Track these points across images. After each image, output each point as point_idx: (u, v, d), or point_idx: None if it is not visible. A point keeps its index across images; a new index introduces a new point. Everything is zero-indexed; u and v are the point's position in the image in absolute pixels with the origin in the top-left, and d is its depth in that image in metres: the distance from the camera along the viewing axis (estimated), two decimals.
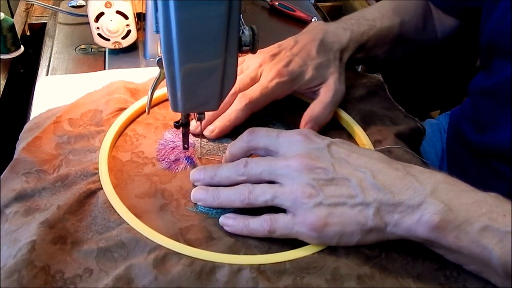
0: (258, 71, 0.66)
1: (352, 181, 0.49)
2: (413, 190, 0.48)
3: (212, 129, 0.64)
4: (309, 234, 0.49)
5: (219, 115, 0.64)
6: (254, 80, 0.66)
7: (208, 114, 0.62)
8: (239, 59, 0.67)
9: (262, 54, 0.68)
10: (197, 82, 0.50)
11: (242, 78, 0.65)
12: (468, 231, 0.45)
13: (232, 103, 0.64)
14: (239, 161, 0.54)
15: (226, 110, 0.64)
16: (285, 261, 0.49)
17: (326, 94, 0.67)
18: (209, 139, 0.65)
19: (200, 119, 0.59)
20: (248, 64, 0.68)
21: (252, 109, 0.64)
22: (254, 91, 0.64)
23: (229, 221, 0.53)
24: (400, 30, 0.78)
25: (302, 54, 0.68)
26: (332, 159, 0.51)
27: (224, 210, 0.55)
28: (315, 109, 0.66)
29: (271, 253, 0.51)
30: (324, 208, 0.48)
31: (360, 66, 0.83)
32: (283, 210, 0.51)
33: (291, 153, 0.52)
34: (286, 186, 0.50)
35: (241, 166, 0.53)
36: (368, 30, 0.74)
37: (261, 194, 0.51)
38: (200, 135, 0.64)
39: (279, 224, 0.50)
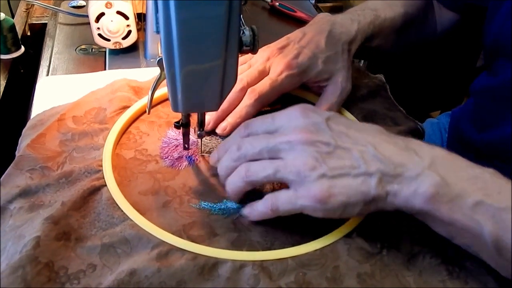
0: (266, 64, 0.66)
1: (354, 153, 0.48)
2: (412, 163, 0.48)
3: (224, 127, 0.64)
4: (313, 206, 0.48)
5: (230, 112, 0.64)
6: (262, 74, 0.66)
7: (218, 111, 0.63)
8: (247, 55, 0.67)
9: (270, 47, 0.69)
10: (198, 82, 0.51)
11: (250, 72, 0.65)
12: (461, 205, 0.46)
13: (241, 99, 0.64)
14: (231, 148, 0.53)
15: (236, 106, 0.64)
16: (287, 258, 0.50)
17: (332, 93, 0.67)
18: (212, 137, 0.65)
19: (200, 136, 0.60)
20: (256, 59, 0.68)
21: (262, 104, 0.64)
22: (264, 85, 0.64)
23: (246, 211, 0.54)
24: (402, 21, 0.78)
25: (310, 46, 0.68)
26: (332, 132, 0.50)
27: (227, 206, 0.55)
28: (321, 109, 0.66)
29: (274, 249, 0.51)
30: (327, 180, 0.48)
31: (362, 62, 0.83)
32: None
33: (291, 128, 0.51)
34: (288, 159, 0.49)
35: (234, 151, 0.52)
36: (373, 20, 0.74)
37: (262, 170, 0.50)
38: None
39: (281, 200, 0.50)
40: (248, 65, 0.68)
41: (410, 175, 0.47)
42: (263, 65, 0.66)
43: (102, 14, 0.79)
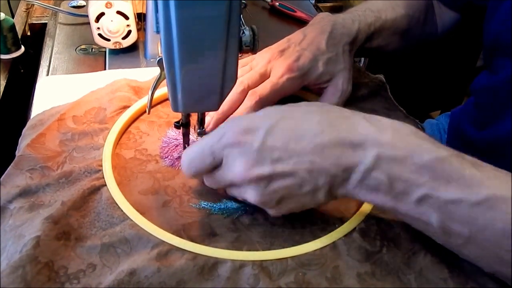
0: (267, 67, 0.66)
1: (298, 174, 0.47)
2: (358, 163, 0.46)
3: None
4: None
5: (230, 114, 0.64)
6: (263, 77, 0.66)
7: (219, 113, 0.63)
8: (249, 57, 0.67)
9: (271, 50, 0.68)
10: (198, 82, 0.50)
11: (251, 75, 0.65)
12: (406, 201, 0.46)
13: (242, 101, 0.64)
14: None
15: (236, 108, 0.64)
16: (287, 258, 0.50)
17: (333, 95, 0.67)
18: None
19: (200, 135, 0.60)
20: (257, 61, 0.68)
21: (263, 106, 0.63)
22: (264, 88, 0.64)
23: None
24: (403, 23, 0.78)
25: (311, 48, 0.68)
26: (270, 159, 0.47)
27: (227, 206, 0.55)
28: None
29: (273, 249, 0.51)
30: (279, 205, 0.49)
31: (362, 61, 0.83)
32: None
33: (233, 167, 0.48)
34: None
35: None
36: (374, 21, 0.74)
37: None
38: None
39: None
40: (249, 67, 0.68)
41: (356, 178, 0.47)
42: (264, 68, 0.66)
43: (102, 14, 0.79)
